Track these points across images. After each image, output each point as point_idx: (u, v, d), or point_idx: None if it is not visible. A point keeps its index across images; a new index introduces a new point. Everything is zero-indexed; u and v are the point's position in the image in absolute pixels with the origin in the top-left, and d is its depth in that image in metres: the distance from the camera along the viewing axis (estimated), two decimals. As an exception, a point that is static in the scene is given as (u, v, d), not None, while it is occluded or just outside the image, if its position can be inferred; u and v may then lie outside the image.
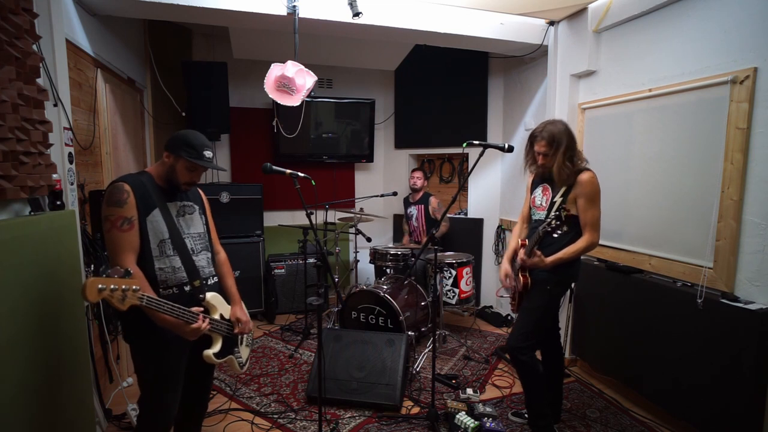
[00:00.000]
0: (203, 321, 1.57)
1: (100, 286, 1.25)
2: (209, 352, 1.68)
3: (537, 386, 2.21)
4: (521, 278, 2.20)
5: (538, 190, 2.23)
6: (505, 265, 2.32)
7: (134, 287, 1.34)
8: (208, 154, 1.68)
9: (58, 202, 1.99)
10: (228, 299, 1.89)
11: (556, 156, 2.07)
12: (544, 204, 2.19)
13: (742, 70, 2.06)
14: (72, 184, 2.18)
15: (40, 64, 1.84)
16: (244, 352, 1.91)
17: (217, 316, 1.75)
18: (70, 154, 2.16)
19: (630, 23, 2.71)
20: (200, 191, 1.95)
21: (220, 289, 1.86)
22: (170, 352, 1.65)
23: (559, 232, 1.98)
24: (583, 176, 2.05)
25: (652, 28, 2.57)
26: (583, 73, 3.08)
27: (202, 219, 1.83)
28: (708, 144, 2.22)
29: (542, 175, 2.22)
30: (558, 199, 2.10)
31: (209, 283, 1.77)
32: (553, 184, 2.15)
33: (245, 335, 1.92)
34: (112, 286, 1.27)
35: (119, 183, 1.57)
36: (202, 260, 1.75)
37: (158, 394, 1.67)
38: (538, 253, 2.05)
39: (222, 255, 1.97)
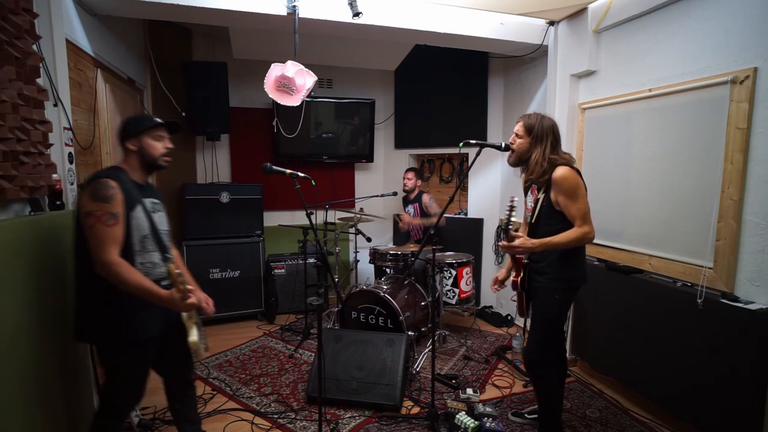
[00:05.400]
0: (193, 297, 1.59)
1: (177, 270, 1.45)
2: (194, 339, 1.74)
3: (552, 403, 2.18)
4: (513, 279, 2.23)
5: (529, 194, 2.20)
6: (500, 273, 2.36)
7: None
8: (157, 119, 1.76)
9: (58, 202, 1.99)
10: None
11: (531, 146, 2.05)
12: (532, 205, 2.16)
13: (742, 70, 2.06)
14: (72, 184, 2.18)
15: (40, 64, 1.84)
16: (204, 339, 1.96)
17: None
18: (70, 154, 2.15)
19: (630, 23, 2.71)
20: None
21: None
22: (152, 348, 1.73)
23: (511, 226, 1.99)
24: (557, 173, 1.96)
25: (652, 28, 2.57)
26: (583, 73, 3.08)
27: (166, 217, 1.88)
28: (708, 144, 2.22)
29: (526, 177, 2.17)
30: (541, 195, 2.07)
31: None
32: (537, 183, 2.11)
33: (201, 325, 1.96)
34: (177, 271, 1.45)
35: (104, 179, 1.57)
36: (171, 257, 1.83)
37: (139, 378, 1.75)
38: (519, 235, 2.00)
39: (175, 251, 1.99)
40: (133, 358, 1.69)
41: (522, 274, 2.21)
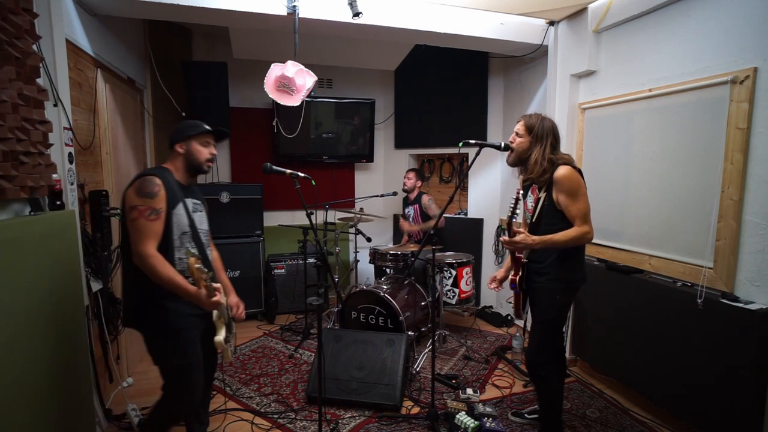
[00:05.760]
0: (219, 296, 1.68)
1: (197, 265, 1.51)
2: (220, 338, 1.79)
3: (552, 404, 2.18)
4: (512, 278, 2.23)
5: (529, 193, 2.19)
6: (499, 272, 2.35)
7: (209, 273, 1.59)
8: (207, 126, 1.86)
9: (58, 202, 1.99)
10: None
11: (531, 146, 2.05)
12: (533, 205, 2.15)
13: (742, 70, 2.06)
14: (72, 184, 2.18)
15: (40, 64, 1.84)
16: (233, 341, 2.03)
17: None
18: (70, 154, 2.15)
19: (630, 23, 2.71)
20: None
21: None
22: (191, 337, 1.78)
23: (515, 218, 1.98)
24: (558, 173, 1.96)
25: (652, 28, 2.57)
26: (583, 73, 3.08)
27: (206, 218, 1.95)
28: (708, 144, 2.22)
29: (526, 176, 2.16)
30: (542, 195, 2.06)
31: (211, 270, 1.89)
32: (538, 183, 2.10)
33: (233, 326, 2.03)
34: (197, 265, 1.52)
35: (150, 176, 1.68)
36: (208, 255, 1.90)
37: (188, 378, 1.78)
38: (520, 231, 1.99)
39: (216, 252, 2.08)
40: (167, 346, 1.75)
41: (521, 273, 2.21)
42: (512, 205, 1.99)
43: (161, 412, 1.85)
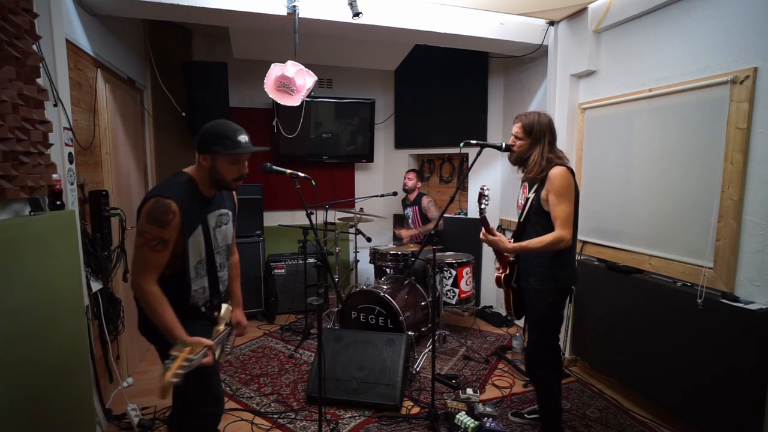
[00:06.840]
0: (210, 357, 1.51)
1: (173, 378, 1.25)
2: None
3: (552, 404, 2.19)
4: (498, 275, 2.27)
5: (520, 191, 2.21)
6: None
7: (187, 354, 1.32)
8: (243, 138, 1.54)
9: (58, 202, 1.99)
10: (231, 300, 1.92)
11: (531, 146, 2.06)
12: (522, 202, 2.16)
13: (742, 70, 2.06)
14: (72, 184, 2.18)
15: (40, 64, 1.84)
16: (222, 357, 1.95)
17: (221, 327, 1.79)
18: (70, 154, 2.15)
19: (630, 23, 2.71)
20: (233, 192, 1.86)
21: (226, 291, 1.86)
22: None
23: (484, 206, 2.03)
24: (554, 171, 1.97)
25: (652, 28, 2.57)
26: (583, 73, 3.08)
27: (232, 226, 1.80)
28: (708, 144, 2.22)
29: (525, 176, 2.18)
30: (531, 195, 2.07)
31: (222, 294, 1.79)
32: (530, 181, 2.12)
33: (228, 348, 1.97)
34: (181, 365, 1.27)
35: (168, 201, 1.46)
36: (223, 275, 1.75)
37: (206, 383, 1.64)
38: (497, 233, 2.09)
39: (235, 257, 1.96)
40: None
41: (507, 271, 2.22)
42: (477, 201, 2.04)
43: (177, 413, 1.70)
